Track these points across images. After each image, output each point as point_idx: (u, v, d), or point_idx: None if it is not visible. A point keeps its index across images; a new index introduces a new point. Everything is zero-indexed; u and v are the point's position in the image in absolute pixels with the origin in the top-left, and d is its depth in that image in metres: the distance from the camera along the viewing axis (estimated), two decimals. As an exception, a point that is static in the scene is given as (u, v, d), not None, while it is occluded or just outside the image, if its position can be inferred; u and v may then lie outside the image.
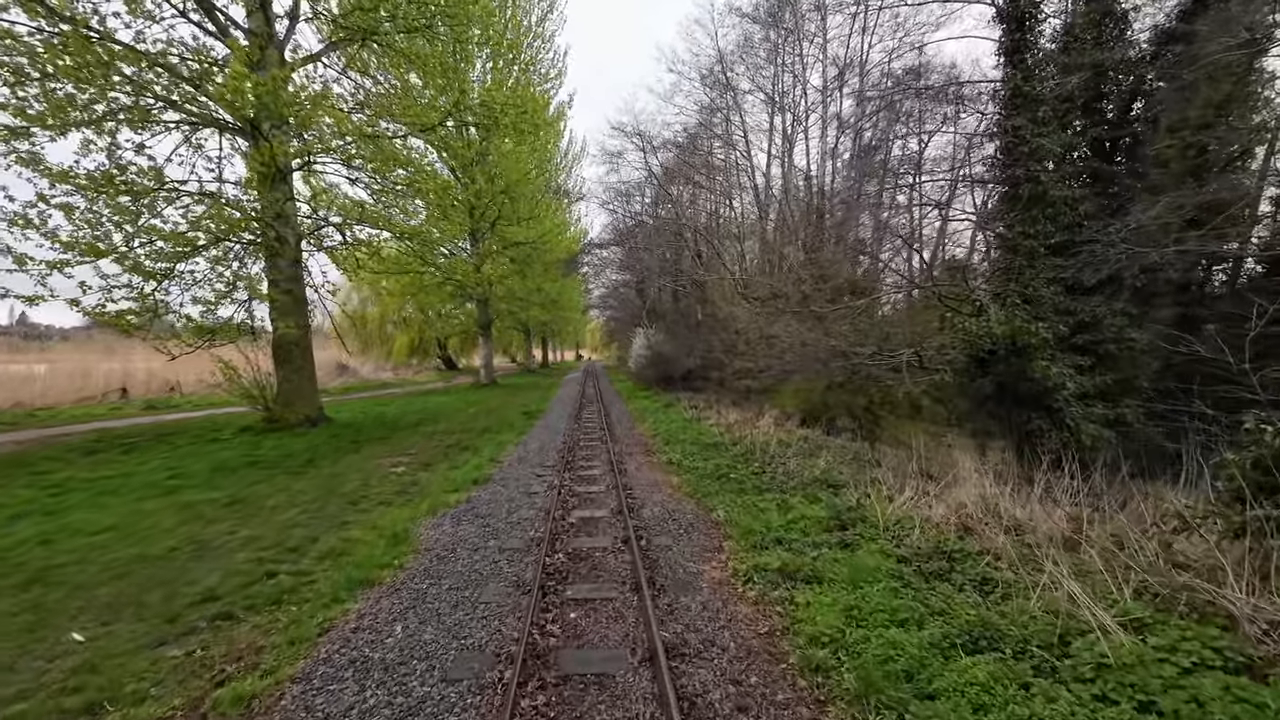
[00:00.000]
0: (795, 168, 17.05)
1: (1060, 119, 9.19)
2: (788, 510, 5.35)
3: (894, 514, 4.78)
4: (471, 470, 7.67)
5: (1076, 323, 9.08)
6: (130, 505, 6.41)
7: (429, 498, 6.39)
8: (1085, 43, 9.58)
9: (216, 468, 8.43)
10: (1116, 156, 10.48)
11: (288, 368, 12.15)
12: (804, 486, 6.37)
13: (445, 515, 5.68)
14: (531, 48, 23.84)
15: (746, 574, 3.95)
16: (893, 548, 4.15)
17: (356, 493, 6.84)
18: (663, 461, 8.26)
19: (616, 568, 4.17)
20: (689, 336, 20.11)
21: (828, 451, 8.42)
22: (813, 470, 6.93)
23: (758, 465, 7.54)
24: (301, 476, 7.85)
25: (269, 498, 6.64)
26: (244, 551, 4.78)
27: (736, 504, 5.78)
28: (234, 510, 6.14)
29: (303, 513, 5.98)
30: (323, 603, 3.67)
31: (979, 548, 4.04)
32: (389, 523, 5.48)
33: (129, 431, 11.96)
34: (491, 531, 5.09)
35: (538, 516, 5.49)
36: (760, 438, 9.07)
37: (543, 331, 45.96)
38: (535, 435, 10.89)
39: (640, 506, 5.81)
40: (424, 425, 12.85)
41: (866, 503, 5.14)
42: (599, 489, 6.58)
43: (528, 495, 6.34)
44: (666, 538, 4.84)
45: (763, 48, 17.62)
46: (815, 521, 4.92)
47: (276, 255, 11.47)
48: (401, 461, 8.66)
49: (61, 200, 9.21)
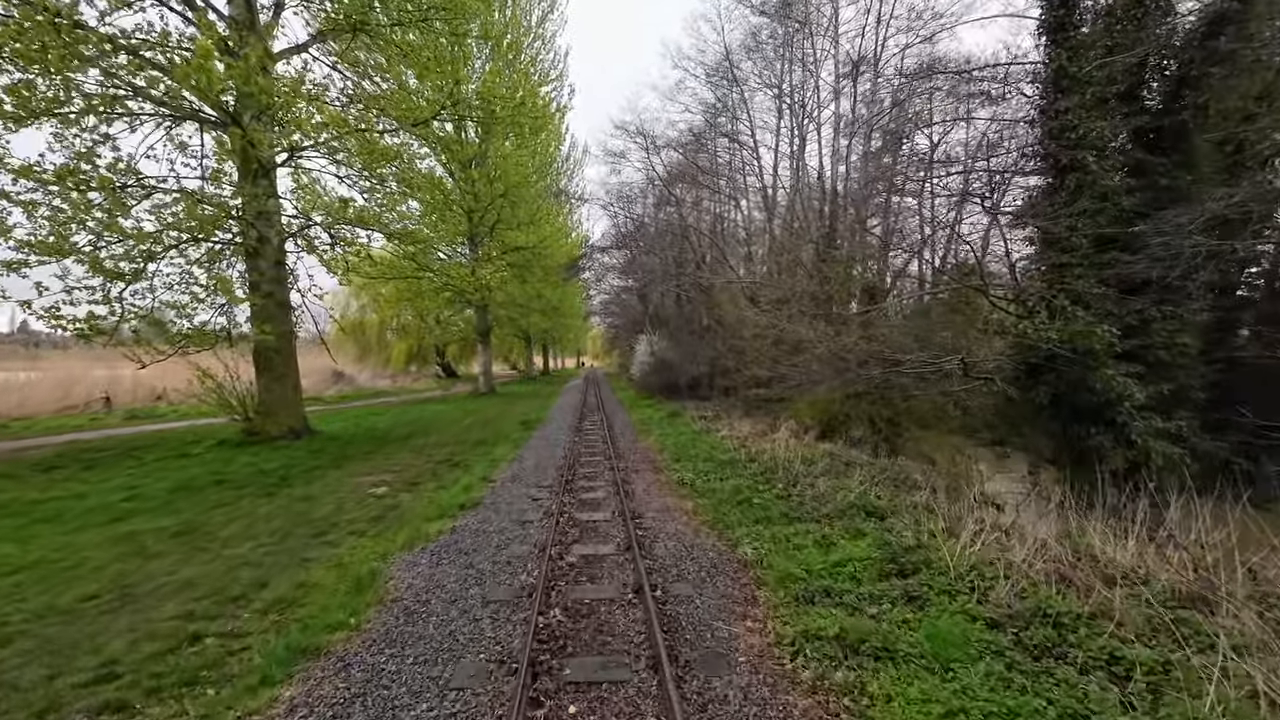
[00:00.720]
0: (807, 165, 16.32)
1: (1102, 104, 8.41)
2: (829, 547, 4.50)
3: (965, 556, 3.92)
4: (459, 492, 6.82)
5: (1125, 326, 8.25)
6: (64, 536, 5.58)
7: (408, 527, 5.55)
8: (1127, 23, 8.83)
9: (179, 487, 7.61)
10: (1162, 147, 9.67)
11: (269, 376, 11.36)
12: (841, 514, 5.51)
13: (423, 551, 4.84)
14: (531, 48, 23.33)
15: (794, 642, 3.09)
16: (975, 605, 3.29)
17: (328, 519, 6.01)
18: (674, 481, 7.40)
19: (627, 630, 3.32)
20: (694, 343, 19.29)
21: (858, 470, 7.55)
22: (846, 494, 6.07)
23: (782, 487, 6.68)
24: (271, 498, 7.02)
25: (225, 526, 5.81)
26: (174, 601, 3.95)
27: (765, 537, 4.93)
28: (181, 542, 5.30)
29: (259, 546, 5.14)
30: (248, 685, 2.83)
31: (1088, 608, 3.18)
32: (357, 560, 4.65)
33: (99, 445, 11.16)
34: (475, 575, 4.24)
35: (531, 554, 4.64)
36: (781, 453, 8.21)
37: (544, 339, 45.25)
38: (532, 449, 10.05)
39: (652, 540, 4.96)
40: (415, 438, 12.03)
41: (927, 539, 4.28)
42: (603, 516, 5.73)
43: (520, 525, 5.49)
44: (686, 585, 3.99)
45: (771, 44, 16.97)
46: (866, 563, 4.06)
47: (257, 256, 10.74)
48: (384, 481, 7.83)
49: (26, 197, 8.53)
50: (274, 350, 11.12)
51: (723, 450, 9.19)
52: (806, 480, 6.87)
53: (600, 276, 32.32)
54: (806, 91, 16.47)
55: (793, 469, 7.33)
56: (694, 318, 21.16)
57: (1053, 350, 6.23)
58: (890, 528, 4.88)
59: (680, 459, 8.74)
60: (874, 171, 12.56)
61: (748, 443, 9.73)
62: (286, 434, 11.35)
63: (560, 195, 29.22)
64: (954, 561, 3.85)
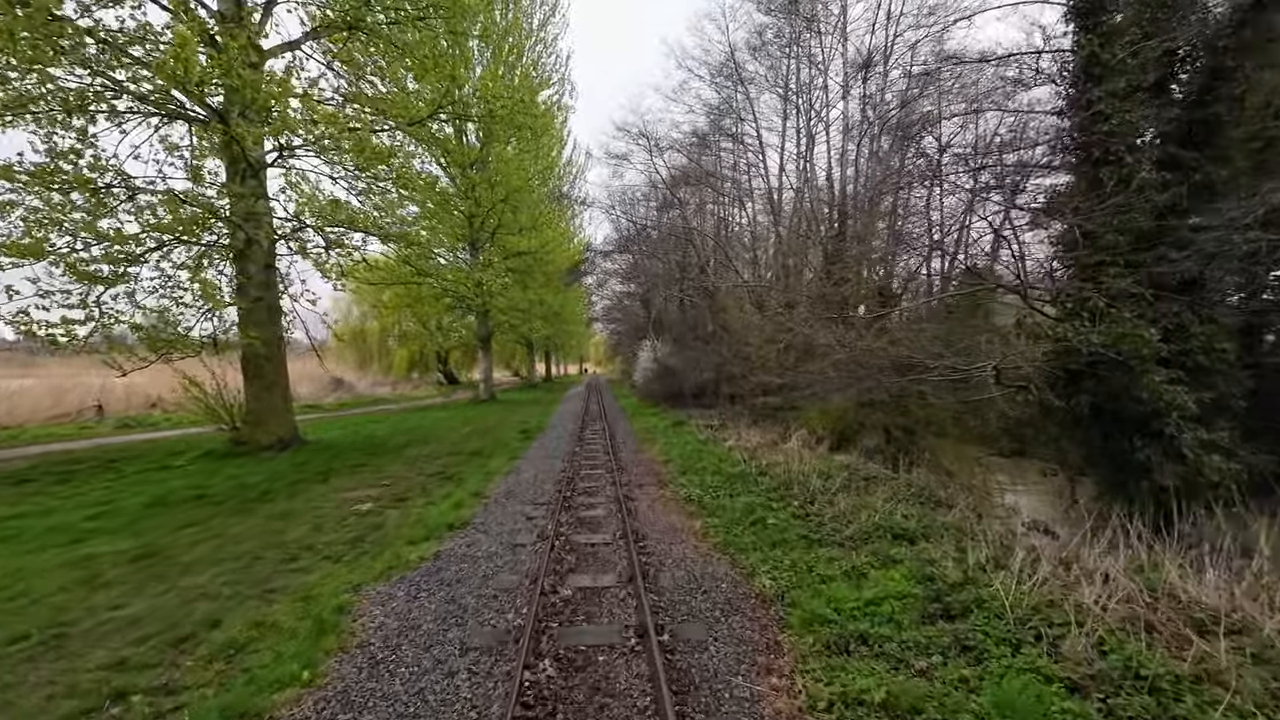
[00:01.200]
0: (816, 165, 15.87)
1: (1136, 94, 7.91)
2: (859, 579, 3.96)
3: (1022, 594, 3.38)
4: (449, 509, 6.31)
5: (1162, 330, 7.69)
6: (16, 560, 5.10)
7: (388, 551, 5.05)
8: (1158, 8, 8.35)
9: (153, 503, 7.13)
10: (1195, 140, 9.16)
11: (258, 384, 10.92)
12: (867, 537, 4.97)
13: (401, 580, 4.33)
14: (533, 52, 23.12)
15: (831, 706, 2.56)
16: (1046, 660, 2.75)
17: (303, 541, 5.51)
18: (680, 497, 6.87)
19: (629, 689, 2.79)
20: (699, 349, 18.77)
21: (880, 485, 7.00)
22: (871, 513, 5.52)
23: (798, 504, 6.14)
24: (247, 515, 6.53)
25: (191, 549, 5.32)
26: (112, 643, 3.45)
27: (784, 565, 4.39)
28: (138, 569, 4.81)
29: (221, 574, 4.64)
30: (167, 764, 2.32)
31: (1188, 666, 2.63)
32: (327, 592, 4.14)
33: (80, 456, 10.72)
34: (456, 612, 3.72)
35: (521, 586, 4.12)
36: (795, 466, 7.67)
37: (546, 345, 44.84)
38: (530, 460, 9.53)
39: (658, 569, 4.43)
40: (410, 447, 11.54)
41: (973, 571, 3.73)
42: (603, 538, 5.20)
43: (512, 549, 4.97)
44: (698, 625, 3.46)
45: (777, 43, 16.60)
46: (905, 601, 3.52)
47: (245, 259, 10.34)
48: (370, 496, 7.33)
49: (4, 198, 8.17)
50: (263, 357, 10.69)
51: (731, 462, 8.65)
52: (825, 497, 6.33)
53: (602, 282, 31.91)
54: (814, 90, 16.08)
55: (809, 484, 6.79)
56: (698, 323, 20.67)
57: (1096, 355, 5.69)
58: (926, 555, 4.34)
59: (686, 472, 8.21)
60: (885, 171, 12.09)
61: (758, 454, 9.19)
62: (275, 444, 10.88)
63: (562, 199, 28.91)
64: (1010, 600, 3.30)
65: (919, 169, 10.44)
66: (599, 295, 34.97)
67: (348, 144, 9.91)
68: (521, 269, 23.21)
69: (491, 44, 20.02)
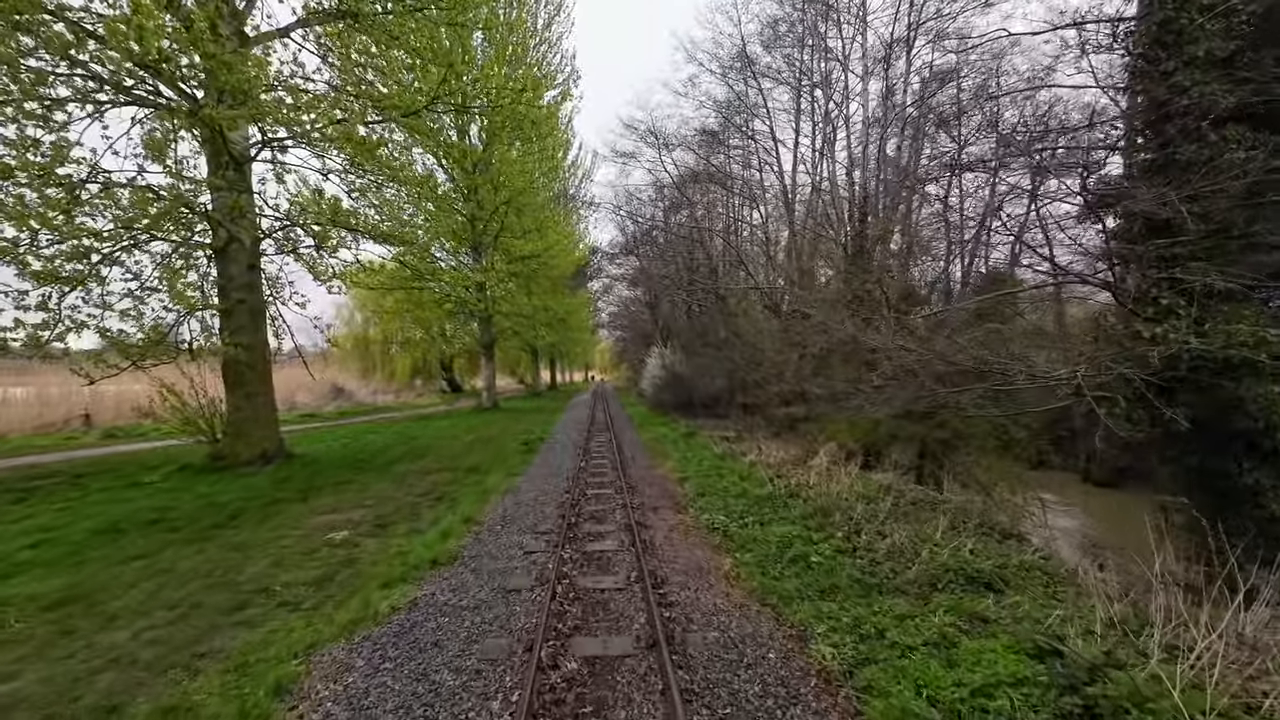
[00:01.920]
0: (836, 159, 15.03)
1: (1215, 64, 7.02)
2: (949, 651, 3.04)
3: (1190, 682, 2.45)
4: (435, 540, 5.45)
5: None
6: (-87, 605, 4.27)
7: (356, 596, 4.18)
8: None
9: (104, 529, 6.30)
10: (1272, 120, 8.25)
11: (239, 393, 10.13)
12: (935, 583, 4.06)
13: (365, 641, 3.46)
14: (538, 51, 22.57)
15: None
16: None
17: (259, 579, 4.65)
18: (702, 525, 5.96)
19: None
20: (710, 356, 17.89)
21: (930, 510, 6.07)
22: (934, 549, 4.61)
23: (842, 535, 5.22)
24: (205, 544, 5.70)
25: (127, 590, 4.48)
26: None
27: (843, 623, 3.49)
28: (51, 619, 3.97)
29: (150, 627, 3.80)
30: None
31: None
32: (270, 657, 3.28)
33: (49, 469, 9.96)
34: (426, 698, 2.84)
35: (513, 652, 3.24)
36: (831, 487, 6.75)
37: (551, 352, 44.13)
38: (531, 478, 8.66)
39: (685, 628, 3.54)
40: (403, 461, 10.70)
41: (1114, 647, 2.81)
42: (614, 582, 4.31)
43: (504, 595, 4.09)
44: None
45: (791, 35, 15.86)
46: (1023, 690, 2.61)
47: (226, 258, 9.62)
48: (350, 520, 6.48)
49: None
50: (245, 364, 9.92)
51: (755, 481, 7.74)
52: (872, 526, 5.41)
53: (608, 287, 31.23)
54: (832, 83, 15.28)
55: (851, 509, 5.87)
56: (709, 329, 19.81)
57: (1199, 361, 4.79)
58: (1022, 611, 3.43)
59: (705, 493, 7.30)
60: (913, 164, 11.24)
61: (783, 471, 8.27)
62: (257, 458, 10.07)
63: (567, 200, 28.29)
64: (1181, 697, 2.38)
65: (964, 158, 9.57)
66: (605, 301, 34.27)
67: (338, 134, 9.20)
68: (525, 273, 22.52)
69: (495, 44, 19.48)
